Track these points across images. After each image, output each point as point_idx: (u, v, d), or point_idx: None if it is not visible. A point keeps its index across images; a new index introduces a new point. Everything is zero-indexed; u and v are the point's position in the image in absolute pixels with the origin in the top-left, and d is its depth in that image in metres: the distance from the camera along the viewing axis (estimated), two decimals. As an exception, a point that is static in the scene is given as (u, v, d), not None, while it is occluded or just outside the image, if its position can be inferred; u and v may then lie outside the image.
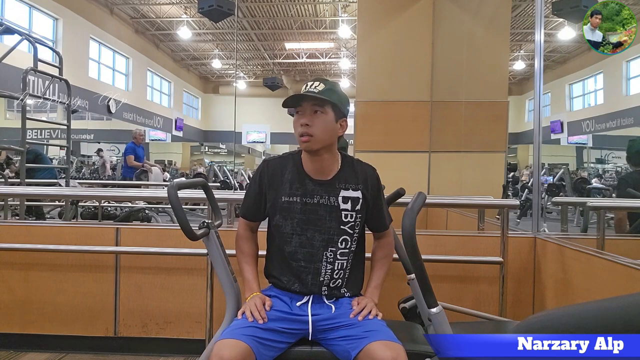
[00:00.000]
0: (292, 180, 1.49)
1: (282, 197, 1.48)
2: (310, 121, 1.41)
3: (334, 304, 1.46)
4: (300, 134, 1.42)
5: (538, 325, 0.99)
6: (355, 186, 1.49)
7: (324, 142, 1.43)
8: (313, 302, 1.46)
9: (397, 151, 4.29)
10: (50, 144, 12.97)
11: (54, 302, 2.42)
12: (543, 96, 2.36)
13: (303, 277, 1.47)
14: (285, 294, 1.49)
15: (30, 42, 4.64)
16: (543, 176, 6.15)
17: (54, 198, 5.18)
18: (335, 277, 1.48)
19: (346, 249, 1.48)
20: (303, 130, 1.41)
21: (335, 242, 1.46)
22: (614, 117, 12.05)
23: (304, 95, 1.40)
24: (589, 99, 14.65)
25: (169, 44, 17.24)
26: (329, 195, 1.47)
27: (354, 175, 1.50)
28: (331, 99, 1.41)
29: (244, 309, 1.41)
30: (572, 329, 0.91)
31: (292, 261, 1.48)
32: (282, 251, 1.50)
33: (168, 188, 1.53)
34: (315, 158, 1.46)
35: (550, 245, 2.16)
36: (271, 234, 1.55)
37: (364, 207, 1.49)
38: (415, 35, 4.36)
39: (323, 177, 1.49)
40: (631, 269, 1.59)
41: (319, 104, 1.41)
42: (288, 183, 1.48)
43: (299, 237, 1.47)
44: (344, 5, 12.96)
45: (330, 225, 1.46)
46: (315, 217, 1.46)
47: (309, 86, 1.43)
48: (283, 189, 1.48)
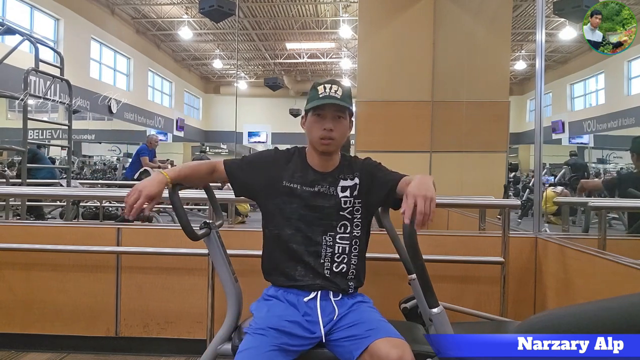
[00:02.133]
0: (294, 168, 1.54)
1: (283, 181, 1.51)
2: (334, 126, 1.49)
3: (338, 303, 1.45)
4: (322, 137, 1.49)
5: (539, 325, 0.99)
6: (353, 175, 1.55)
7: (340, 144, 1.54)
8: (321, 298, 1.44)
9: (398, 151, 4.29)
10: (52, 144, 12.98)
11: (55, 302, 2.42)
12: (544, 96, 2.35)
13: (305, 258, 1.46)
14: (290, 291, 1.46)
15: (31, 43, 4.65)
16: (544, 176, 6.15)
17: (55, 198, 5.18)
18: (337, 261, 1.48)
19: (346, 233, 1.50)
20: (326, 134, 1.48)
21: (334, 227, 1.50)
22: (615, 117, 12.03)
23: (327, 101, 1.47)
24: (590, 98, 14.63)
25: (170, 44, 17.25)
26: (329, 185, 1.53)
27: (351, 168, 1.57)
28: (350, 104, 1.51)
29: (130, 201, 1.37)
30: (573, 329, 0.91)
31: (293, 244, 1.47)
32: (282, 236, 1.49)
33: (169, 188, 1.54)
34: (326, 157, 1.54)
35: (552, 245, 2.16)
36: (269, 221, 1.53)
37: (362, 192, 1.54)
38: (416, 35, 4.35)
39: (325, 169, 1.55)
40: (633, 269, 1.59)
41: (341, 110, 1.50)
42: (291, 170, 1.54)
43: (297, 222, 1.49)
44: (345, 6, 12.96)
45: (329, 212, 1.50)
46: (315, 204, 1.50)
47: (328, 90, 1.48)
48: (285, 174, 1.53)
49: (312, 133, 1.51)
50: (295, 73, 20.57)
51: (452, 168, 4.19)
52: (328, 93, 1.48)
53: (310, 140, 1.53)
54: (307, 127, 1.54)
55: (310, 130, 1.52)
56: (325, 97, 1.47)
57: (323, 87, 1.49)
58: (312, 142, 1.53)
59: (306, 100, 1.55)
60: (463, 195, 3.51)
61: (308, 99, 1.54)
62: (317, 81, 1.53)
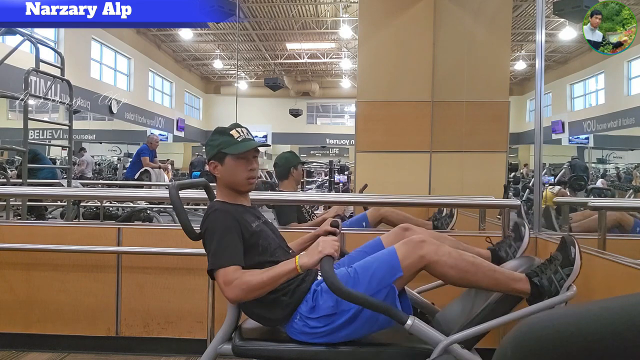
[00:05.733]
0: (241, 212, 1.59)
1: (251, 224, 1.56)
2: (255, 165, 1.63)
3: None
4: (249, 177, 1.61)
5: (539, 325, 0.99)
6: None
7: None
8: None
9: (398, 151, 4.30)
10: (52, 144, 12.99)
11: (55, 302, 2.43)
12: (544, 96, 2.35)
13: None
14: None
15: (32, 43, 4.65)
16: (544, 176, 6.14)
17: (56, 198, 5.19)
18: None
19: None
20: (253, 174, 1.62)
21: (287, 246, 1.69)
22: (615, 117, 12.02)
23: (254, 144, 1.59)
24: (590, 99, 14.62)
25: (170, 44, 17.26)
26: (259, 215, 1.69)
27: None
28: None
29: (327, 250, 1.36)
30: (573, 329, 0.91)
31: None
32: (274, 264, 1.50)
33: (169, 188, 1.54)
34: (246, 194, 1.68)
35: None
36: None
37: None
38: (417, 35, 4.36)
39: (248, 204, 1.69)
40: (633, 269, 1.59)
41: (257, 150, 1.63)
42: (242, 215, 1.58)
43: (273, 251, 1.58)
44: (345, 6, 12.97)
45: (276, 235, 1.68)
46: (268, 232, 1.63)
47: (244, 134, 1.60)
48: (246, 220, 1.57)
49: (237, 175, 1.59)
50: (295, 73, 20.57)
51: (452, 168, 4.19)
52: (245, 136, 1.59)
53: (233, 182, 1.60)
54: (226, 171, 1.59)
55: (234, 173, 1.58)
56: (246, 140, 1.59)
57: (237, 132, 1.59)
58: (236, 184, 1.60)
59: (219, 145, 1.58)
60: (463, 195, 3.51)
61: (223, 143, 1.57)
62: (222, 127, 1.61)
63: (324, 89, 22.09)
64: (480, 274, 1.39)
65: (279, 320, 1.51)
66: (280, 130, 20.76)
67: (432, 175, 4.27)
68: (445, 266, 1.38)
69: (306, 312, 1.46)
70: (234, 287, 1.39)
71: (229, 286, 1.40)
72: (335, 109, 23.60)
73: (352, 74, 18.83)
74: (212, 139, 1.60)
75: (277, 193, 3.05)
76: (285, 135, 20.95)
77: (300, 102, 21.61)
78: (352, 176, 8.34)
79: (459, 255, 1.40)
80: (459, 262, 1.38)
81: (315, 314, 1.45)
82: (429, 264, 1.38)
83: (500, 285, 1.40)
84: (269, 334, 1.55)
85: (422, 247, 1.39)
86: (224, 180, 1.60)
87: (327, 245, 1.37)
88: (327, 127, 22.95)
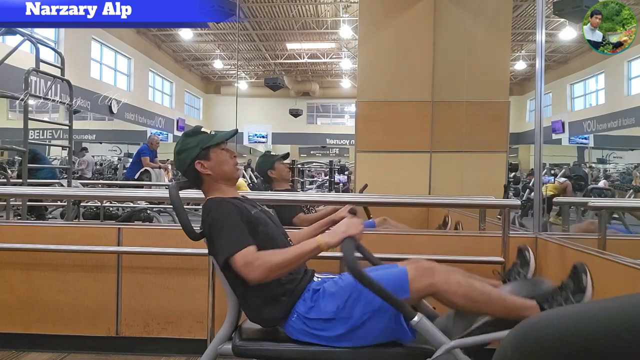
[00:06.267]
0: (239, 201, 1.63)
1: (250, 211, 1.58)
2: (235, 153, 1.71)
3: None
4: (235, 164, 1.68)
5: (539, 325, 0.99)
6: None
7: None
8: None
9: (398, 151, 4.29)
10: (52, 144, 12.98)
11: (55, 302, 2.43)
12: (544, 96, 2.35)
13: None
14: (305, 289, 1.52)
15: (32, 43, 4.65)
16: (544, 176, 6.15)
17: (56, 198, 5.19)
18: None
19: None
20: (237, 161, 1.71)
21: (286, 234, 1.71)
22: (615, 117, 12.02)
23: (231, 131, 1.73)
24: (590, 99, 14.62)
25: (170, 44, 17.26)
26: (256, 205, 1.72)
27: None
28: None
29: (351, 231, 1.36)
30: (573, 329, 0.91)
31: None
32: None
33: (169, 188, 1.55)
34: (235, 187, 1.73)
35: (552, 245, 2.16)
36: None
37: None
38: (417, 35, 4.36)
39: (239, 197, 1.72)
40: (633, 269, 1.59)
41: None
42: (240, 203, 1.61)
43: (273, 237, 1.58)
44: (345, 6, 12.96)
45: (275, 222, 1.70)
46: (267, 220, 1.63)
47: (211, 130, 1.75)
48: (245, 208, 1.58)
49: (227, 163, 1.64)
50: (295, 73, 20.56)
51: (452, 168, 4.18)
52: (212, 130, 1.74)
53: (225, 171, 1.63)
54: (215, 164, 1.62)
55: (223, 164, 1.63)
56: (218, 132, 1.70)
57: (205, 130, 1.70)
58: (227, 174, 1.64)
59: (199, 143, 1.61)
60: (463, 195, 3.51)
61: (202, 141, 1.62)
62: (190, 130, 1.69)
63: (324, 89, 22.09)
64: (491, 303, 1.38)
65: (277, 319, 1.50)
66: (280, 130, 20.75)
67: (432, 175, 4.27)
68: (455, 295, 1.36)
69: (304, 312, 1.46)
70: (256, 267, 1.38)
71: (251, 267, 1.38)
72: (336, 109, 23.59)
73: (352, 74, 18.82)
74: (186, 142, 1.62)
75: (277, 193, 3.05)
76: (285, 135, 20.95)
77: (300, 102, 21.60)
78: (352, 176, 8.34)
79: (468, 284, 1.38)
80: (469, 291, 1.37)
81: (313, 314, 1.45)
82: (438, 292, 1.37)
83: (511, 313, 1.37)
84: (269, 334, 1.55)
85: (432, 274, 1.38)
86: (216, 174, 1.62)
87: (351, 227, 1.37)
88: (327, 127, 22.94)
